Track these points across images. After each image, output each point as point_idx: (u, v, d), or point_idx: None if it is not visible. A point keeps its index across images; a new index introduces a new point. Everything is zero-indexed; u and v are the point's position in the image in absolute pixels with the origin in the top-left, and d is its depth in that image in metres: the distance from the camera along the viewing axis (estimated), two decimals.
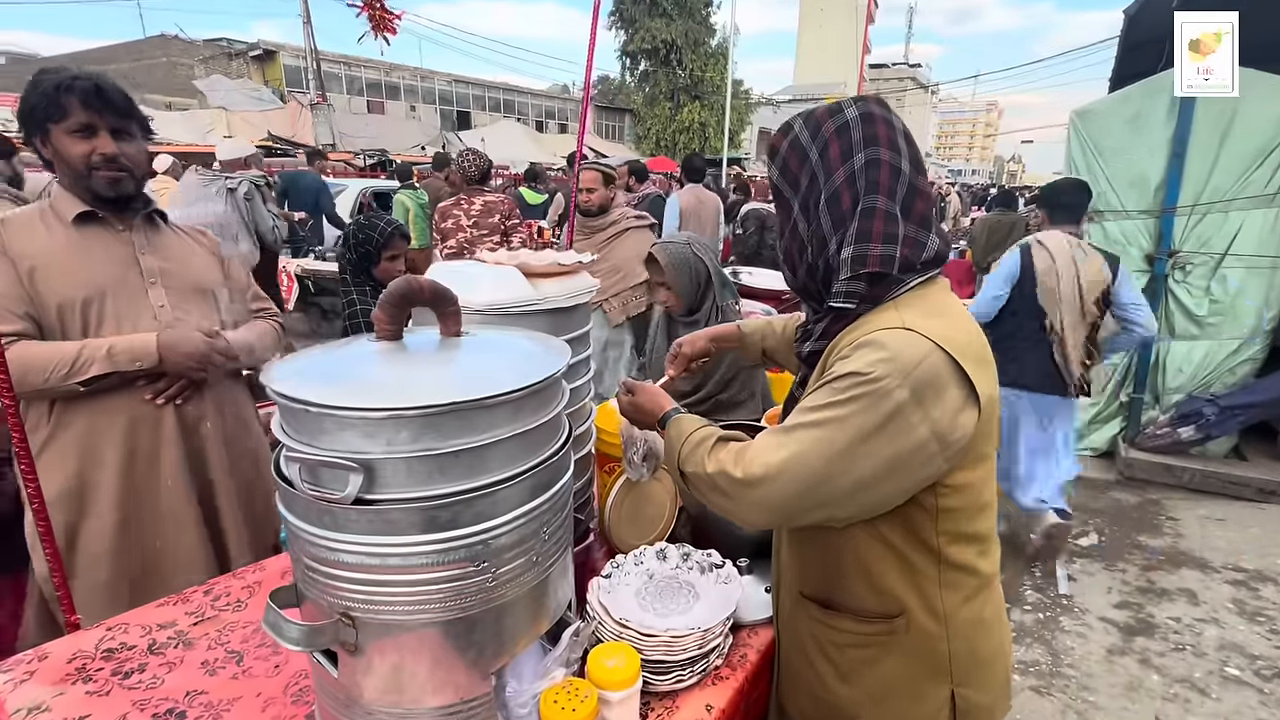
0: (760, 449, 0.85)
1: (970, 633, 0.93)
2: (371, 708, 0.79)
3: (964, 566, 0.91)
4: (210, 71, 18.35)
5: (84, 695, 0.96)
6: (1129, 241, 3.80)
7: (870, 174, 0.85)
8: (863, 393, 0.79)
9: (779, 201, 0.97)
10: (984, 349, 0.88)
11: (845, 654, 0.97)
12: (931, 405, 0.79)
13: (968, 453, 0.84)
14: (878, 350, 0.80)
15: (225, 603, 1.19)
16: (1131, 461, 3.82)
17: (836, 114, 0.89)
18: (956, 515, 0.89)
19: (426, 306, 0.86)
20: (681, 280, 1.92)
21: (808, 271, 0.94)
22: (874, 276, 0.86)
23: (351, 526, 0.72)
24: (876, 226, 0.85)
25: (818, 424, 0.81)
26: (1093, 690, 2.25)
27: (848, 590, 0.95)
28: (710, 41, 26.10)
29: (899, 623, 0.92)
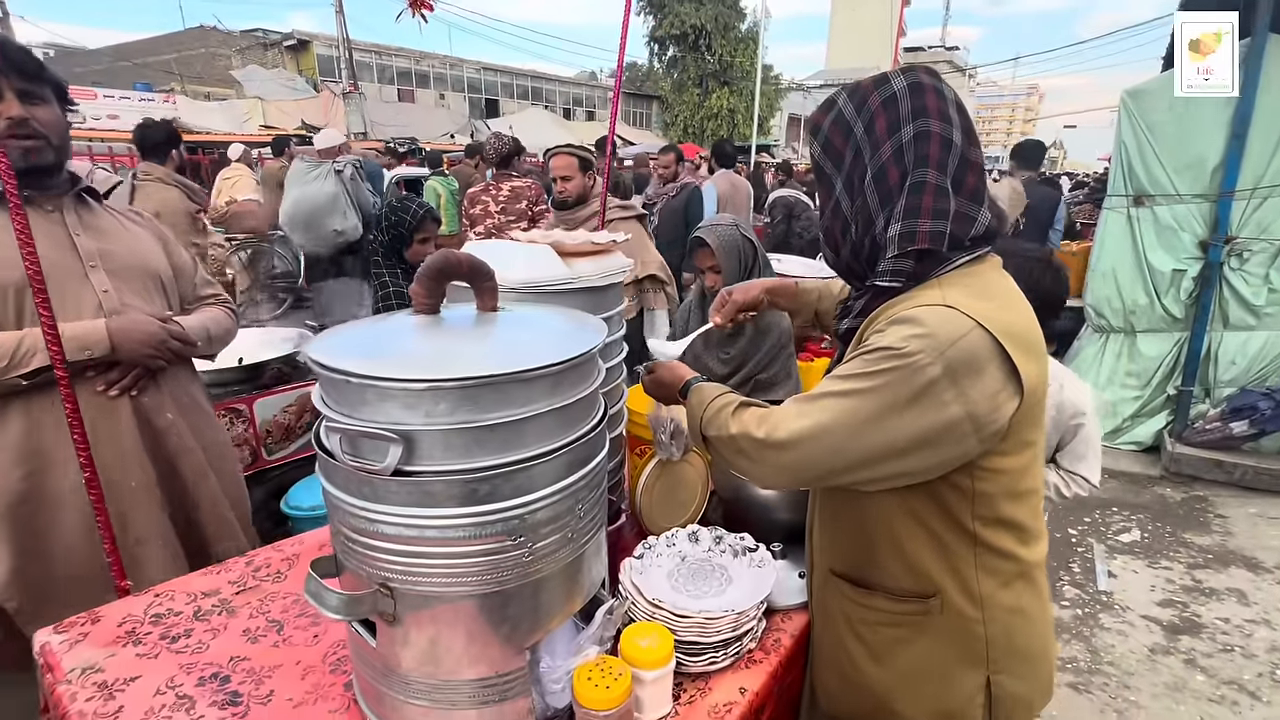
0: (785, 414, 0.85)
1: (1008, 619, 0.91)
2: (408, 678, 0.80)
3: (1001, 551, 0.89)
4: (246, 62, 18.72)
5: (134, 657, 0.99)
6: (1181, 226, 3.64)
7: (920, 147, 0.82)
8: (893, 366, 0.78)
9: (820, 179, 0.93)
10: (1034, 335, 0.84)
11: (877, 633, 0.96)
12: (968, 385, 0.77)
13: (1008, 437, 0.82)
14: (913, 326, 0.78)
15: (266, 573, 1.22)
16: (1178, 457, 3.68)
17: (883, 85, 0.85)
18: (993, 499, 0.86)
19: (464, 281, 0.86)
20: (730, 263, 1.92)
21: (852, 251, 0.91)
22: (922, 254, 0.83)
23: (390, 498, 0.72)
24: (926, 202, 0.81)
25: (845, 393, 0.81)
26: (1133, 689, 2.18)
27: (881, 568, 0.94)
28: (740, 26, 25.65)
29: (933, 603, 0.91)
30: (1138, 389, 3.95)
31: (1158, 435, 3.91)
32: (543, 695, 0.87)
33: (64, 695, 0.92)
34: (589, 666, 0.86)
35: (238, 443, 2.40)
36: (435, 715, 0.81)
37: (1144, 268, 3.77)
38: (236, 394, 2.38)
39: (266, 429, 2.47)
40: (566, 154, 2.90)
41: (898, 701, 0.95)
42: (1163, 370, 3.86)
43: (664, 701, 0.93)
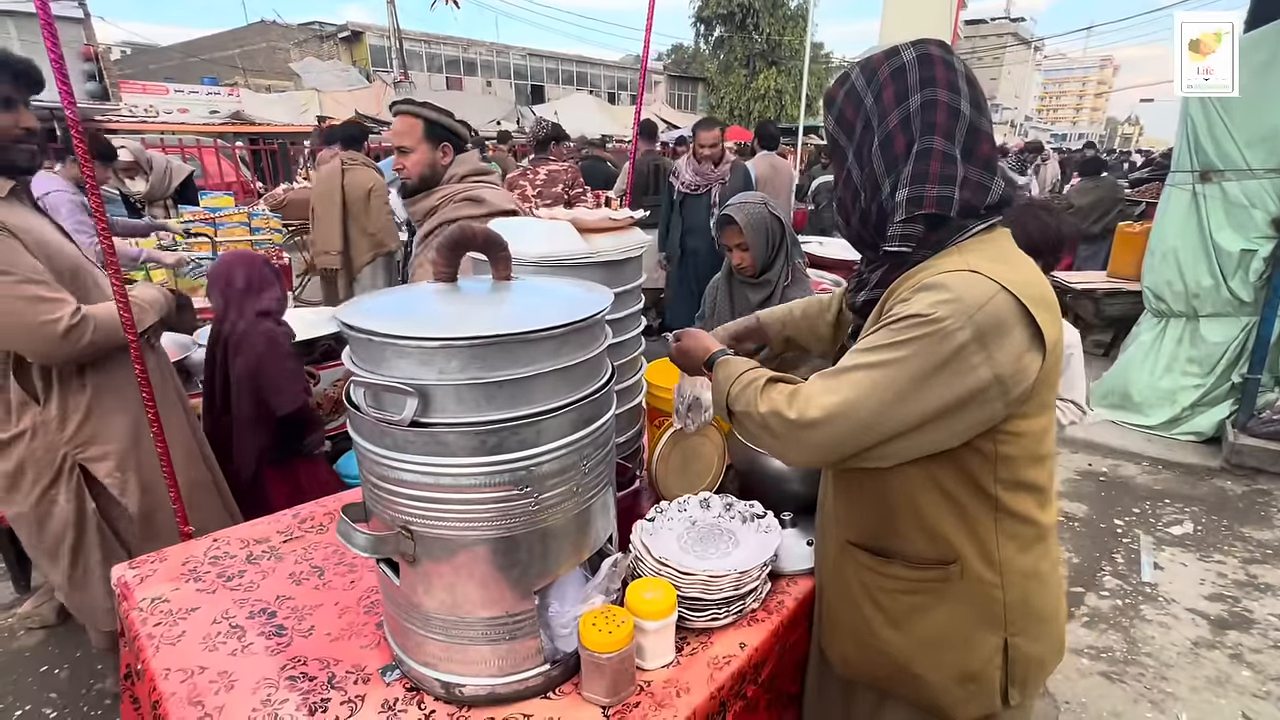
0: (814, 391, 0.85)
1: (1025, 583, 0.92)
2: (428, 614, 0.88)
3: (1021, 515, 0.90)
4: (304, 54, 19.41)
5: (195, 591, 1.11)
6: (1253, 203, 3.41)
7: (926, 115, 0.83)
8: (923, 333, 0.78)
9: (834, 152, 0.95)
10: (1050, 295, 0.85)
11: (896, 600, 0.97)
12: (995, 347, 0.78)
13: (1030, 399, 0.83)
14: (940, 292, 0.79)
15: (310, 525, 1.33)
16: (1241, 448, 3.49)
17: (893, 57, 0.87)
18: (1015, 463, 0.87)
19: (479, 252, 0.92)
20: (758, 242, 1.94)
21: (861, 219, 0.92)
22: (932, 219, 0.84)
23: (409, 447, 0.80)
24: (933, 168, 0.83)
25: (874, 365, 0.81)
26: (1171, 681, 2.12)
27: (901, 535, 0.95)
28: (789, 3, 24.97)
29: (953, 569, 0.92)
30: (1199, 377, 3.75)
31: (1219, 426, 3.71)
32: (552, 639, 0.94)
33: (136, 620, 1.04)
34: (595, 613, 0.92)
35: None
36: (452, 650, 0.89)
37: (1209, 248, 3.56)
38: None
39: (318, 402, 2.62)
40: (407, 113, 1.86)
41: (917, 665, 0.96)
42: (1228, 357, 3.65)
43: (666, 651, 0.99)
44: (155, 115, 13.08)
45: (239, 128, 12.84)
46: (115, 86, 13.54)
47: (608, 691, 0.90)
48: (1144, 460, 3.65)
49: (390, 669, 0.96)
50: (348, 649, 1.00)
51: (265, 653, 0.98)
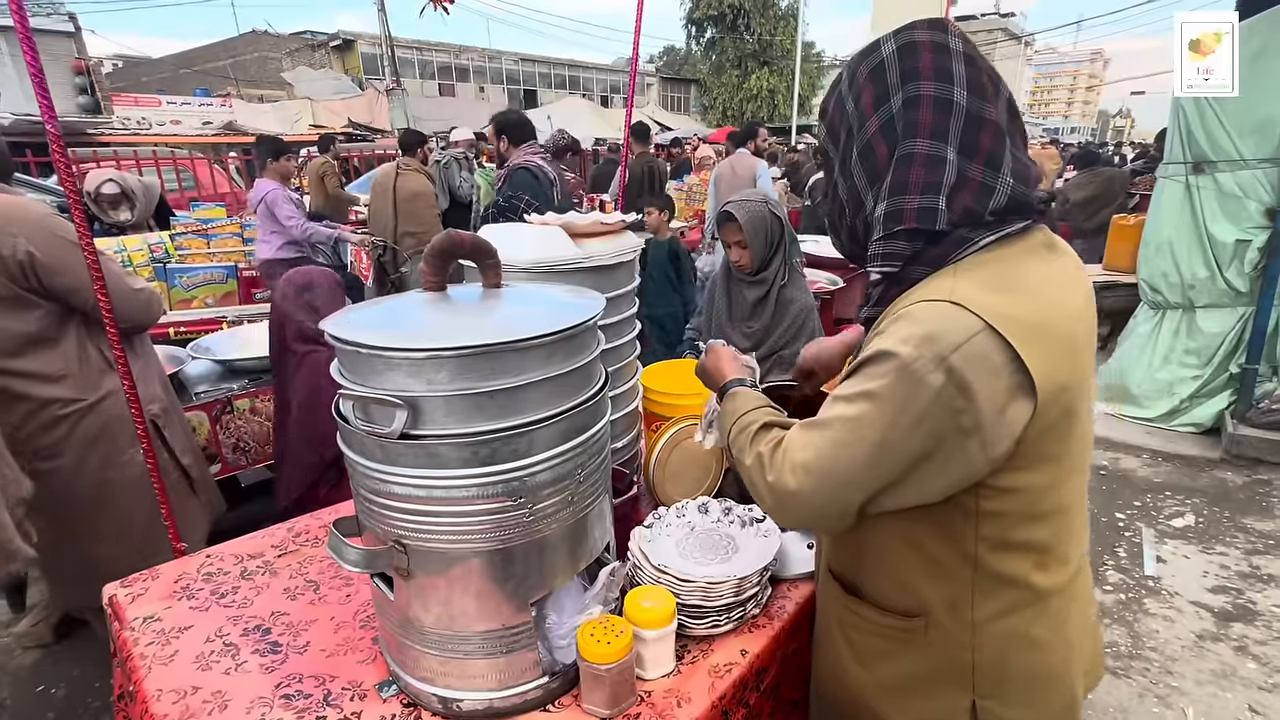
0: (792, 447, 0.79)
1: (1004, 645, 0.82)
2: (423, 629, 0.86)
3: (1007, 578, 0.80)
4: (296, 63, 19.41)
5: (188, 609, 1.10)
6: (1246, 194, 3.41)
7: (909, 115, 0.74)
8: (892, 381, 0.70)
9: (825, 163, 0.88)
10: (1066, 330, 0.74)
11: (864, 639, 0.91)
12: (975, 393, 0.68)
13: (1023, 452, 0.72)
14: (912, 325, 0.70)
15: (305, 539, 1.31)
16: (1240, 439, 3.48)
17: (871, 54, 0.78)
18: (1003, 520, 0.77)
19: (468, 260, 0.91)
20: (758, 240, 1.96)
21: (849, 235, 0.85)
22: (920, 234, 0.75)
23: (400, 460, 0.78)
24: (914, 175, 0.74)
25: (849, 420, 0.74)
26: (1177, 675, 2.11)
27: (870, 578, 0.89)
28: (780, 3, 25.06)
29: (917, 623, 0.84)
30: (1197, 368, 3.74)
31: (1218, 416, 3.71)
32: (550, 650, 0.93)
33: (128, 640, 1.03)
34: (593, 624, 0.90)
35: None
36: (449, 664, 0.88)
37: (1204, 239, 3.56)
38: None
39: None
40: None
41: (881, 706, 0.91)
42: (1225, 347, 3.65)
43: (666, 660, 0.97)
44: (148, 127, 13.06)
45: (232, 138, 12.82)
46: (107, 99, 13.52)
47: (608, 703, 0.88)
48: (1144, 453, 3.64)
49: (387, 685, 0.95)
50: (344, 665, 0.99)
51: (260, 671, 0.97)
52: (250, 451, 2.45)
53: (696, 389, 1.54)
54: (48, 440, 1.60)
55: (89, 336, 1.61)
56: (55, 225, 1.50)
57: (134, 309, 1.64)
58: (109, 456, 1.68)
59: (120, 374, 1.44)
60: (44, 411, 1.58)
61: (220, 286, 3.56)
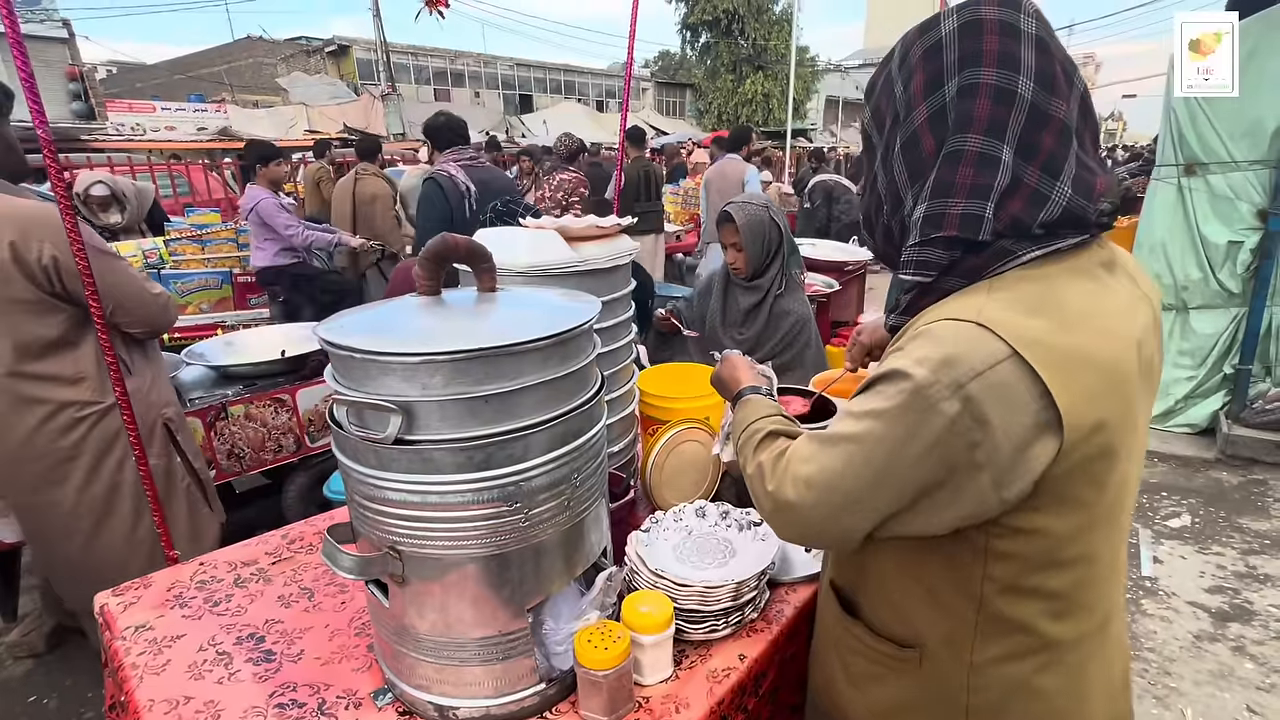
0: (795, 458, 0.75)
1: (1005, 692, 0.76)
2: (419, 636, 0.86)
3: (1014, 622, 0.73)
4: (291, 69, 19.40)
5: (180, 618, 1.09)
6: (1238, 195, 3.44)
7: (963, 105, 0.66)
8: (905, 402, 0.65)
9: (866, 150, 0.80)
10: (1108, 363, 0.66)
11: (855, 661, 0.87)
12: (992, 427, 0.62)
13: (1043, 493, 0.65)
14: (931, 346, 0.64)
15: (299, 545, 1.30)
16: (1235, 439, 3.50)
17: (930, 30, 0.69)
18: (1015, 563, 0.71)
19: (462, 264, 0.90)
20: (754, 243, 1.92)
21: (884, 235, 0.78)
22: (959, 243, 0.68)
23: (394, 465, 0.78)
24: (962, 176, 0.66)
25: (856, 438, 0.69)
26: (1175, 676, 2.11)
27: (868, 600, 0.85)
28: (774, 8, 25.18)
29: (910, 654, 0.80)
30: (1191, 368, 3.76)
31: (1213, 417, 3.72)
32: (547, 657, 0.92)
33: (119, 649, 1.02)
34: (590, 630, 0.90)
35: (282, 431, 2.54)
36: (445, 672, 0.87)
37: (1196, 240, 3.58)
38: (280, 385, 2.51)
39: (309, 418, 2.60)
40: None
41: None
42: (1219, 348, 3.67)
43: (664, 666, 0.97)
44: (142, 133, 13.02)
45: (227, 144, 12.80)
46: (101, 105, 13.47)
47: (605, 709, 0.88)
48: None
49: (382, 693, 0.94)
50: (338, 673, 0.98)
51: (253, 680, 0.96)
52: (245, 458, 2.43)
53: (693, 392, 1.54)
54: (65, 442, 1.60)
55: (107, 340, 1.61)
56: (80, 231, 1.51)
57: (153, 313, 1.68)
58: (124, 460, 1.69)
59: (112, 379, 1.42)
60: (61, 414, 1.59)
61: (215, 292, 3.56)
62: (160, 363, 1.86)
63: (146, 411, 1.70)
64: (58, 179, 1.14)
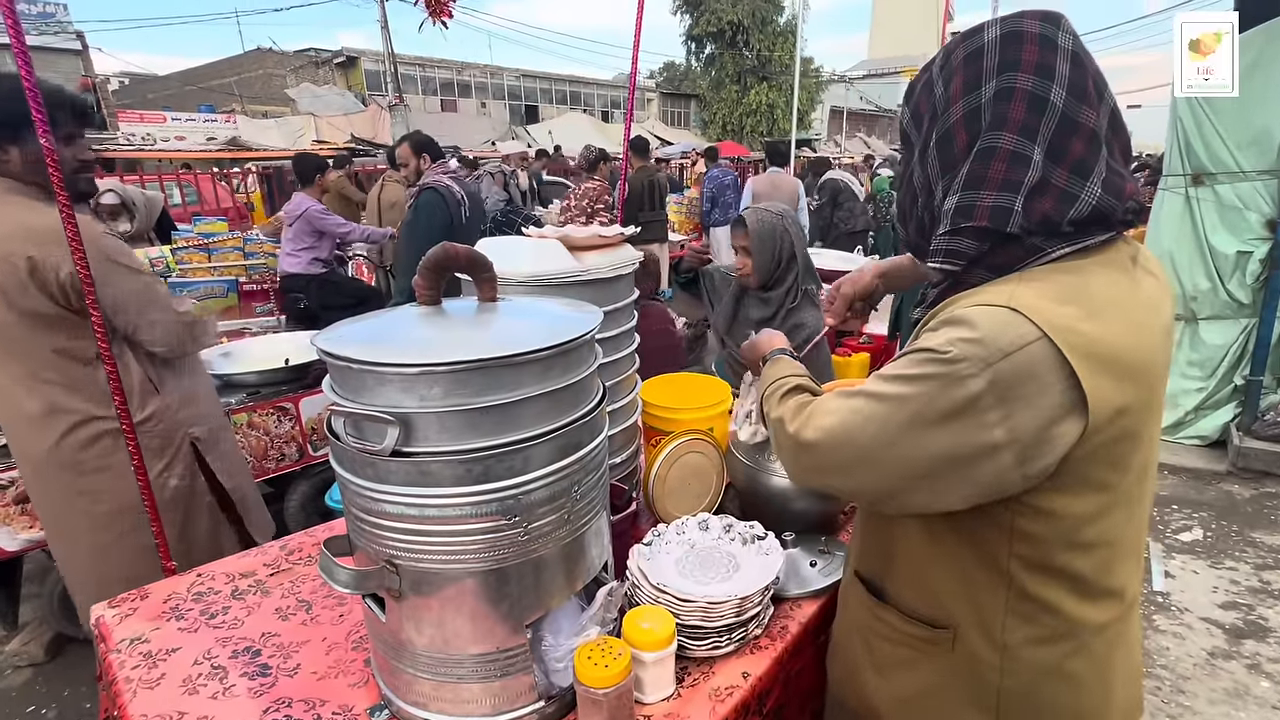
0: (820, 409, 0.78)
1: (1035, 677, 0.78)
2: (416, 652, 0.84)
3: (1044, 603, 0.75)
4: (300, 80, 19.61)
5: (176, 631, 1.07)
6: (1246, 205, 3.41)
7: (999, 106, 0.69)
8: (931, 373, 0.67)
9: (905, 148, 0.83)
10: (1131, 355, 0.69)
11: (884, 647, 0.88)
12: (1018, 406, 0.64)
13: (1065, 474, 0.68)
14: (962, 329, 0.67)
15: (298, 557, 1.29)
16: (1246, 451, 3.45)
17: (973, 36, 0.73)
18: (1040, 543, 0.73)
19: (463, 273, 0.90)
20: (762, 250, 1.86)
21: (916, 226, 0.81)
22: (989, 235, 0.70)
23: (392, 478, 0.76)
24: (994, 171, 0.69)
25: (880, 397, 0.71)
26: (1189, 694, 2.07)
27: (897, 583, 0.87)
28: (778, 19, 25.35)
29: (943, 634, 0.81)
30: (1201, 379, 3.72)
31: (1224, 429, 3.68)
32: (546, 674, 0.90)
33: (114, 663, 1.00)
34: (590, 646, 0.88)
35: (285, 440, 2.53)
36: (442, 689, 0.85)
37: (1205, 250, 3.55)
38: (283, 393, 2.51)
39: (312, 426, 2.60)
40: None
41: (896, 719, 0.88)
42: (1229, 359, 3.63)
43: (666, 683, 0.95)
44: (152, 143, 13.17)
45: (235, 154, 12.92)
46: (113, 116, 13.65)
47: None
48: None
49: (379, 709, 0.92)
50: (335, 688, 0.96)
51: (248, 695, 0.94)
52: (248, 466, 2.43)
53: (697, 403, 1.53)
54: (91, 453, 1.61)
55: (134, 358, 1.62)
56: (106, 246, 1.51)
57: (174, 333, 1.64)
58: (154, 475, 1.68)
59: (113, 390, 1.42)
60: (89, 425, 1.60)
61: (221, 300, 3.57)
62: (197, 377, 1.83)
63: (173, 430, 1.70)
64: (60, 189, 1.14)
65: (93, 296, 1.31)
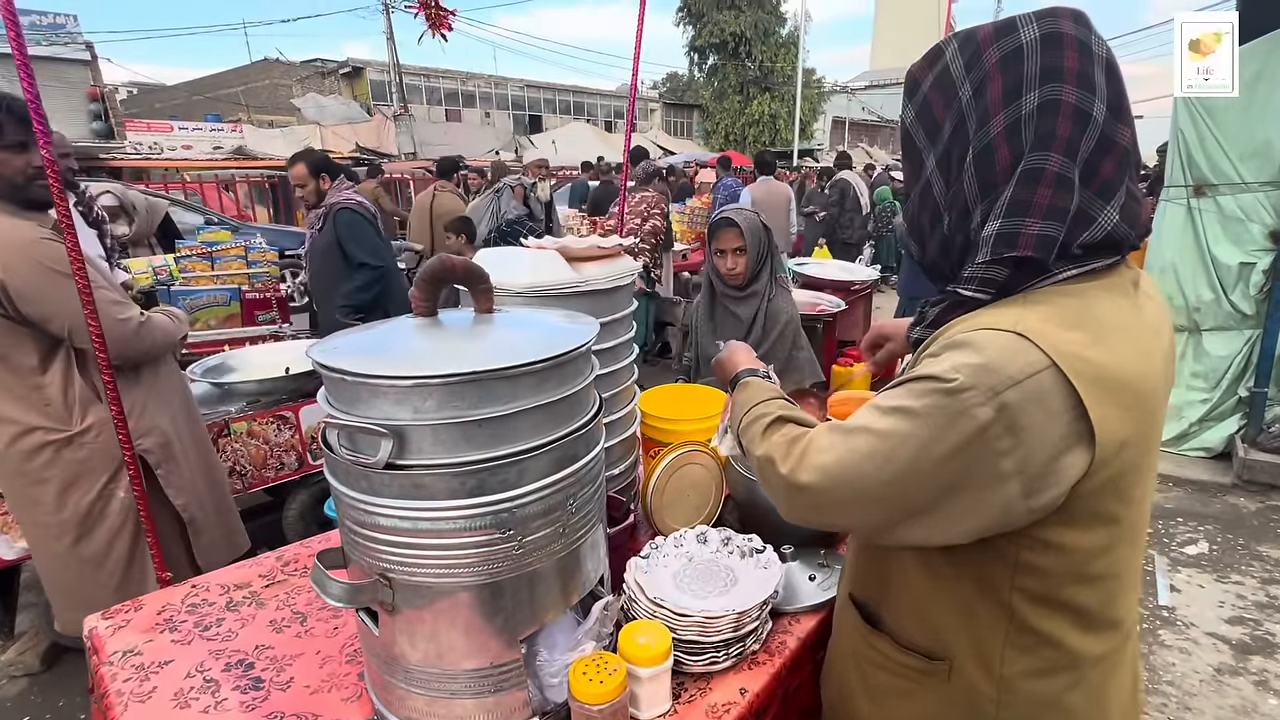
0: (814, 446, 0.73)
1: (1033, 710, 0.76)
2: (409, 667, 0.83)
3: (1045, 636, 0.73)
4: (306, 90, 19.77)
5: (169, 643, 1.07)
6: (1249, 217, 3.41)
7: (1045, 122, 0.64)
8: (936, 405, 0.63)
9: (908, 153, 0.76)
10: (1138, 381, 0.67)
11: (878, 675, 0.86)
12: (1026, 436, 0.62)
13: (1078, 507, 0.65)
14: (969, 354, 0.63)
15: (293, 568, 1.28)
16: (1251, 464, 3.43)
17: (1008, 34, 0.66)
18: (1047, 576, 0.70)
19: (460, 285, 0.89)
20: (755, 247, 2.00)
21: (941, 247, 0.74)
22: (1029, 263, 0.66)
23: (386, 490, 0.76)
24: (1040, 196, 0.64)
25: (881, 434, 0.67)
26: (1197, 711, 2.04)
27: (893, 612, 0.84)
28: (781, 31, 25.54)
29: (939, 666, 0.79)
30: (1205, 391, 3.70)
31: (1229, 441, 3.65)
32: (541, 689, 0.89)
33: (106, 675, 0.99)
34: (585, 661, 0.87)
35: (284, 448, 2.53)
36: (435, 704, 0.84)
37: (1208, 261, 3.54)
38: (283, 402, 2.51)
39: (312, 435, 2.59)
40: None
41: None
42: (1233, 371, 3.61)
43: (662, 699, 0.93)
44: (159, 152, 13.27)
45: (242, 163, 13.02)
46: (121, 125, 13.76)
47: None
48: None
49: None
50: (328, 703, 0.95)
51: (240, 709, 0.93)
52: (247, 475, 2.42)
53: (696, 414, 1.52)
54: (34, 464, 1.60)
55: (77, 367, 1.60)
56: (39, 252, 1.48)
57: (118, 339, 1.56)
58: (89, 490, 1.66)
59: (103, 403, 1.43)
60: (30, 436, 1.59)
61: (223, 309, 3.58)
62: (156, 389, 1.75)
63: (112, 444, 1.60)
64: (59, 198, 1.14)
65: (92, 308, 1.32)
